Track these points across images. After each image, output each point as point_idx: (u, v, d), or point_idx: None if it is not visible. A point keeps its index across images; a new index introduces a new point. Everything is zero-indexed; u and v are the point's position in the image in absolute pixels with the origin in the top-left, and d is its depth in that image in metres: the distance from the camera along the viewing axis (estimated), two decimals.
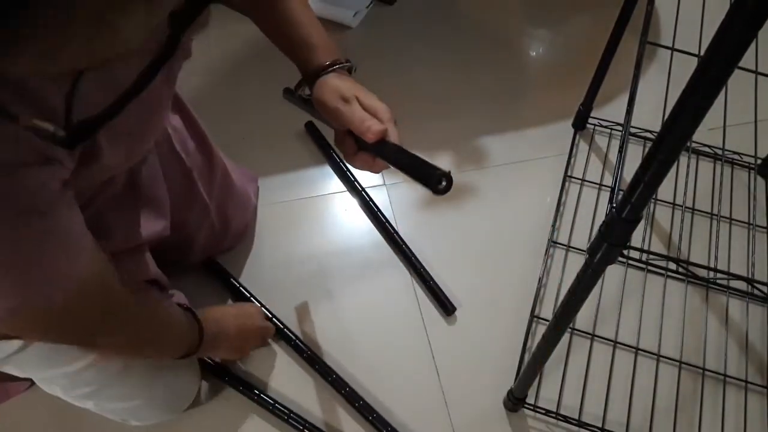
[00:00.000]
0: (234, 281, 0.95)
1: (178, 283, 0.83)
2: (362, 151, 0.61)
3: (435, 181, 0.52)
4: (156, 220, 0.74)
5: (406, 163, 0.56)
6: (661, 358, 0.90)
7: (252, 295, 0.94)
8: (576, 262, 1.00)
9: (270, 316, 0.92)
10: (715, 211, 1.04)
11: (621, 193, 0.48)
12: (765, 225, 1.04)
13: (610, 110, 1.19)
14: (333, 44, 0.64)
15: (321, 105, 0.62)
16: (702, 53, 0.36)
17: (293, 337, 0.90)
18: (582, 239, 1.03)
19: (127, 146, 0.53)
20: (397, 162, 0.57)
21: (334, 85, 0.61)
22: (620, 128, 1.16)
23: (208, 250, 0.95)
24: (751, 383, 0.89)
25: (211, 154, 0.86)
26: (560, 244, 1.02)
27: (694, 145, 1.11)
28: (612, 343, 0.92)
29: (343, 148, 0.63)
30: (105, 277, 0.52)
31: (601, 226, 0.51)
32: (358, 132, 0.59)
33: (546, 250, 1.01)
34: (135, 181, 0.70)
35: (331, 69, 0.63)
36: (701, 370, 0.89)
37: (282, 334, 0.91)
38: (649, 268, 0.99)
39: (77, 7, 0.26)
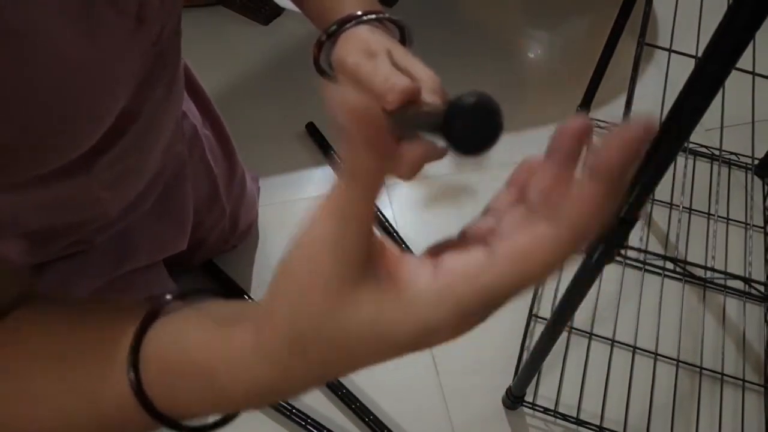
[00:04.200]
0: (233, 282, 0.95)
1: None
2: (406, 140, 0.37)
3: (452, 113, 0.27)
4: (178, 236, 0.72)
5: (426, 121, 0.33)
6: (658, 357, 0.91)
7: (250, 298, 0.94)
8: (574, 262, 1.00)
9: None
10: (713, 211, 1.04)
11: None
12: (762, 225, 1.05)
13: (608, 111, 1.19)
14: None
15: (340, 66, 0.44)
16: (699, 55, 0.37)
17: None
18: None
19: None
20: (420, 124, 0.35)
21: (359, 37, 0.44)
22: None
23: (215, 251, 0.94)
24: (748, 382, 0.89)
25: (233, 158, 0.84)
26: None
27: (691, 145, 1.12)
28: (610, 342, 0.92)
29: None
30: None
31: None
32: (378, 94, 0.39)
33: None
34: (166, 199, 0.67)
35: (363, 19, 0.45)
36: (698, 369, 0.90)
37: None
38: (647, 267, 0.99)
39: None
